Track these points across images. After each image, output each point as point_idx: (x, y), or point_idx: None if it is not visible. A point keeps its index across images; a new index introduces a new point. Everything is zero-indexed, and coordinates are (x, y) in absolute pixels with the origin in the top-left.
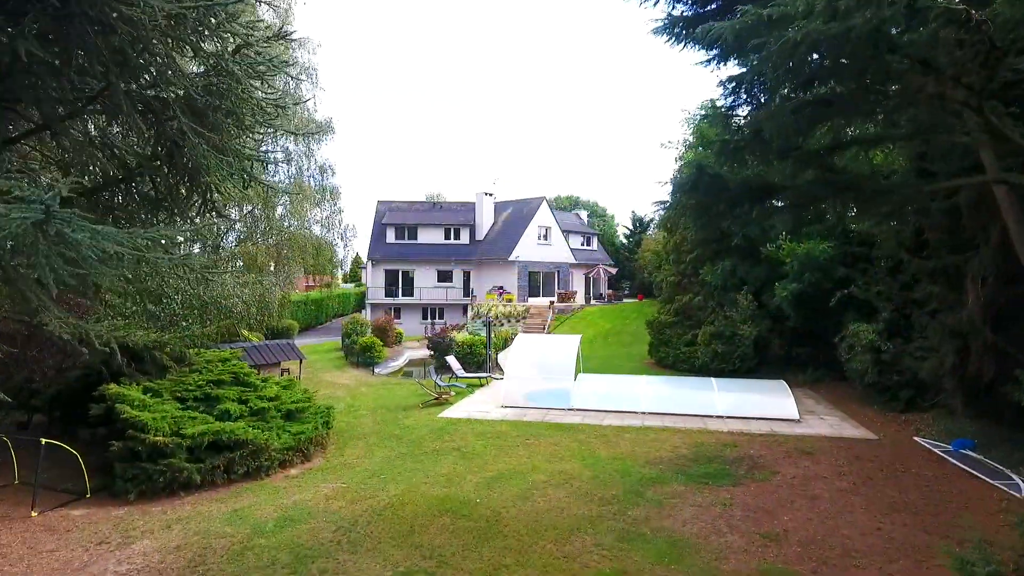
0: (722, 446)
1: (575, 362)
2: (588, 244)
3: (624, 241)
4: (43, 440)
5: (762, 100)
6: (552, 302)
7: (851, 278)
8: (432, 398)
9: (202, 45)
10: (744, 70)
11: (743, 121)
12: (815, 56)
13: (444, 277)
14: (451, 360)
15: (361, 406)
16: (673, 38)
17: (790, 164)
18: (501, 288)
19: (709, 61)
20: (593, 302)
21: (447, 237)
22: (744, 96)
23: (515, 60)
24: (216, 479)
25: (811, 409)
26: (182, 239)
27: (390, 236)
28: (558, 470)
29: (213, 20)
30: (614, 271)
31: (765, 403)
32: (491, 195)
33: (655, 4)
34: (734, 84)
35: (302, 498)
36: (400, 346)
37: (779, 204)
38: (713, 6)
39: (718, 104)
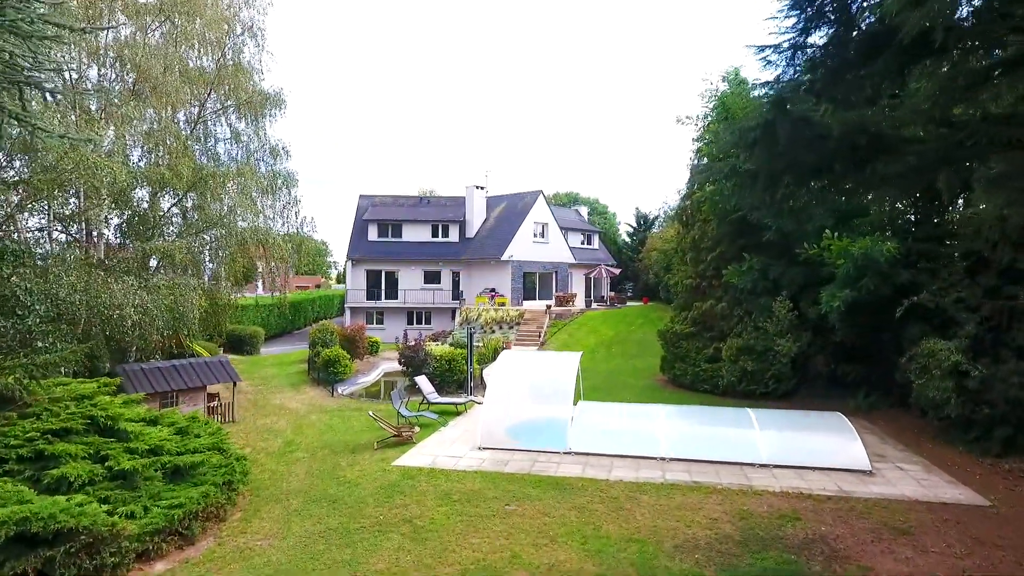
0: (778, 518)
1: (574, 388)
2: (589, 243)
3: (627, 240)
4: None
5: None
6: (549, 306)
7: (918, 282)
8: (391, 435)
9: None
10: None
11: (818, 54)
12: None
13: (431, 278)
14: (422, 382)
15: (301, 445)
16: None
17: (896, 110)
18: (493, 290)
19: None
20: (595, 305)
21: (435, 235)
22: (827, 11)
23: (510, 54)
24: None
25: (879, 452)
26: None
27: (372, 233)
28: (548, 563)
29: None
30: (617, 272)
31: (823, 446)
32: (483, 189)
33: None
34: None
35: None
36: (376, 357)
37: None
38: None
39: (783, 27)
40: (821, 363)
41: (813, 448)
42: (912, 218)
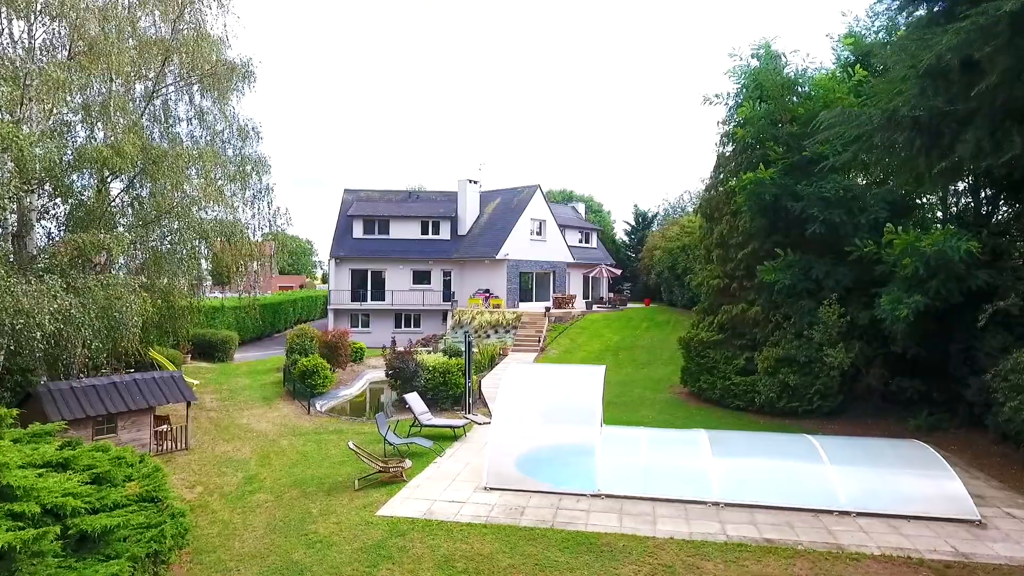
0: None
1: (600, 411)
2: (587, 241)
3: (625, 239)
4: None
5: None
6: (547, 308)
7: (996, 284)
8: (375, 470)
9: None
10: None
11: None
12: None
13: (421, 278)
14: (413, 400)
15: (265, 482)
16: None
17: None
18: (487, 291)
19: None
20: (595, 307)
21: (424, 232)
22: None
23: (501, 50)
24: None
25: (975, 491)
26: None
27: (357, 230)
28: None
29: None
30: (618, 272)
31: (912, 487)
32: (476, 183)
33: None
34: None
35: None
36: (360, 364)
37: None
38: None
39: None
40: (875, 377)
41: (900, 489)
42: (987, 210)
